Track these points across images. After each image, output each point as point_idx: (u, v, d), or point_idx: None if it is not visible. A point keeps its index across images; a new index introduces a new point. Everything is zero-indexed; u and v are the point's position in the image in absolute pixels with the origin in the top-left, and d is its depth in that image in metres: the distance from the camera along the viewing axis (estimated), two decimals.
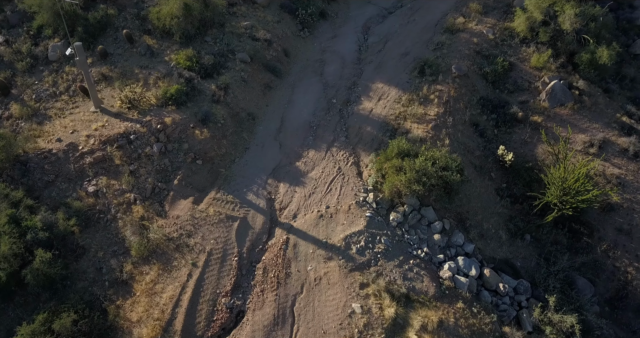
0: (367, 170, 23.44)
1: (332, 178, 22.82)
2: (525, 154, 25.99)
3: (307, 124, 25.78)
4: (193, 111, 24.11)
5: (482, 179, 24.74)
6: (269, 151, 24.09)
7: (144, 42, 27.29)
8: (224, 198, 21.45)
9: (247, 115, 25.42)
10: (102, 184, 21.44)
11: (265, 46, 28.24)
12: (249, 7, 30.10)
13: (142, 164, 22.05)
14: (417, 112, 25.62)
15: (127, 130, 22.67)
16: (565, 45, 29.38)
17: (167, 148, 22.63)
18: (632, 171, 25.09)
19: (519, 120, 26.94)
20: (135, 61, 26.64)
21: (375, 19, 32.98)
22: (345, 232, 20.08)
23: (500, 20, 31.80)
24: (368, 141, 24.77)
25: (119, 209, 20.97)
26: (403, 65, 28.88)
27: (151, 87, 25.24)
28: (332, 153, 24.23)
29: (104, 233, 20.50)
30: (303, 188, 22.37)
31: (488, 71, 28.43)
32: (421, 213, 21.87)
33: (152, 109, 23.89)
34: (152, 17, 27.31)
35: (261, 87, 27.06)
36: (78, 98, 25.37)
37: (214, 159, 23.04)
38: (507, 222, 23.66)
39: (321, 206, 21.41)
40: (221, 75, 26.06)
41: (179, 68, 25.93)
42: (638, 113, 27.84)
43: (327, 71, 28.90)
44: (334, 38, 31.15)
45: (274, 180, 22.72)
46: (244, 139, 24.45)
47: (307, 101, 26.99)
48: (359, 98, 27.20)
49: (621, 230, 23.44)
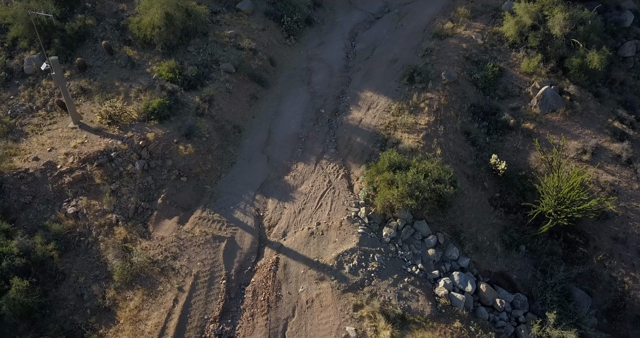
0: (358, 183, 22.80)
1: (323, 192, 22.14)
2: (518, 162, 25.55)
3: (296, 136, 25.06)
4: (176, 125, 23.26)
5: (475, 190, 24.23)
6: (257, 165, 23.33)
7: (125, 54, 26.36)
8: (210, 216, 20.65)
9: (233, 128, 24.62)
10: (82, 205, 20.52)
11: (251, 55, 27.46)
12: (232, 15, 29.27)
13: (123, 183, 21.16)
14: (407, 121, 25.03)
15: (108, 147, 21.76)
16: (555, 49, 29.01)
17: (150, 165, 21.76)
18: (626, 178, 24.77)
19: (510, 127, 26.50)
20: (115, 73, 25.70)
21: (362, 24, 32.36)
22: (337, 250, 19.40)
23: (489, 24, 31.36)
24: (358, 152, 24.12)
25: (100, 231, 20.07)
26: (392, 72, 28.28)
27: (132, 100, 24.34)
28: (321, 165, 23.55)
29: (84, 257, 19.60)
30: (292, 203, 21.65)
31: (478, 77, 27.96)
32: (414, 227, 21.29)
33: (134, 124, 22.98)
34: (133, 27, 26.39)
35: (247, 98, 26.28)
36: (56, 113, 24.39)
37: (199, 176, 22.22)
38: (502, 233, 23.17)
39: (312, 222, 20.71)
40: (205, 86, 25.23)
41: (161, 80, 25.04)
42: (629, 118, 27.54)
43: (314, 79, 28.20)
44: (320, 45, 30.46)
45: (262, 196, 21.97)
46: (230, 154, 23.66)
47: (294, 112, 26.27)
48: (347, 108, 26.55)
49: (617, 238, 23.08)
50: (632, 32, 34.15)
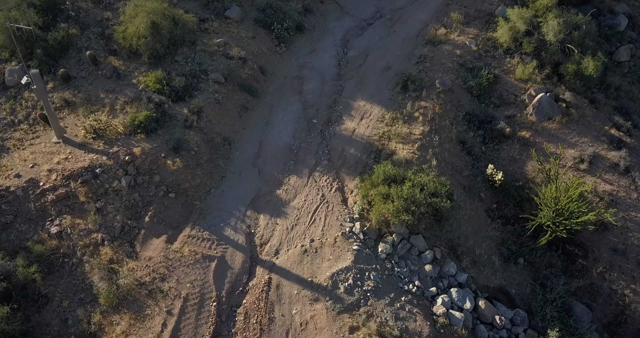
0: (352, 196, 22.18)
1: (316, 206, 21.49)
2: (515, 172, 25.07)
3: (287, 148, 24.40)
4: (164, 138, 22.51)
5: (472, 201, 23.71)
6: (247, 179, 22.64)
7: (110, 64, 25.54)
8: (200, 235, 19.93)
9: (222, 140, 23.91)
10: (66, 224, 19.73)
11: (240, 64, 26.74)
12: (221, 22, 28.52)
13: (109, 200, 20.38)
14: (401, 131, 24.46)
15: (93, 163, 20.96)
16: (550, 55, 28.59)
17: (137, 181, 21.00)
18: (624, 187, 24.37)
19: (506, 136, 26.02)
20: (100, 85, 24.89)
21: (354, 31, 31.74)
22: (331, 269, 18.77)
23: (483, 30, 30.88)
24: (352, 164, 23.51)
25: (85, 251, 19.29)
26: (385, 80, 27.70)
27: (118, 113, 23.55)
28: (314, 178, 22.91)
29: (69, 279, 18.81)
30: (285, 219, 20.99)
31: (473, 84, 27.44)
32: (411, 242, 20.72)
33: (120, 139, 22.21)
34: (118, 37, 25.57)
35: (237, 109, 25.57)
36: (39, 127, 23.55)
37: (187, 191, 21.49)
38: (500, 246, 22.68)
39: (305, 239, 20.06)
40: (194, 98, 24.49)
41: (148, 91, 24.26)
42: (626, 125, 27.17)
43: (306, 88, 27.54)
44: (312, 53, 29.81)
45: (253, 212, 21.28)
46: (219, 167, 22.94)
47: (286, 122, 25.60)
48: (340, 117, 25.92)
49: (616, 250, 22.66)
50: (626, 36, 33.87)
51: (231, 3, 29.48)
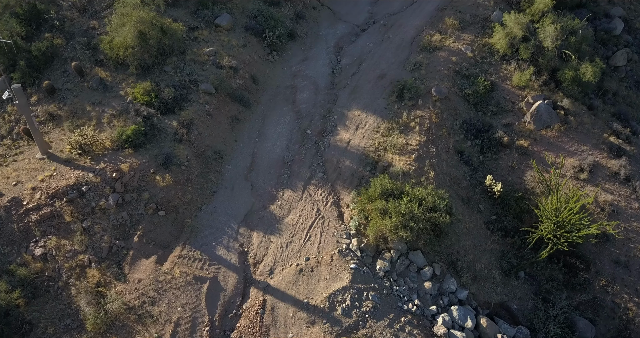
0: (348, 211, 21.55)
1: (311, 222, 20.83)
2: (514, 182, 24.55)
3: (281, 160, 23.71)
4: (153, 153, 21.75)
5: (471, 213, 23.15)
6: (240, 194, 21.92)
7: (96, 75, 24.73)
8: (191, 254, 19.20)
9: (213, 153, 23.17)
10: (51, 246, 18.93)
11: (231, 73, 26.00)
12: (211, 30, 27.76)
13: (96, 219, 19.59)
14: (397, 142, 23.85)
15: (79, 180, 20.17)
16: (547, 61, 28.11)
17: (125, 199, 20.23)
18: (625, 197, 23.91)
19: (504, 145, 25.50)
20: (86, 97, 24.07)
21: (347, 37, 31.09)
22: (328, 289, 18.11)
23: (478, 35, 30.35)
24: (347, 176, 22.87)
25: (71, 274, 18.50)
26: (380, 89, 27.08)
27: (105, 127, 22.75)
28: (309, 192, 22.24)
29: (54, 304, 18.02)
30: (279, 236, 20.30)
31: (469, 92, 26.89)
32: (409, 258, 20.13)
33: (107, 154, 21.42)
34: (104, 47, 24.74)
35: (228, 120, 24.84)
36: (22, 142, 22.71)
37: (178, 209, 20.74)
38: (500, 259, 22.13)
39: (300, 258, 19.39)
40: (183, 110, 23.73)
41: (136, 104, 23.48)
42: (625, 132, 26.73)
43: (299, 98, 26.86)
44: (305, 61, 29.12)
45: (246, 229, 20.58)
46: (211, 182, 22.21)
47: (279, 134, 24.91)
48: (335, 128, 25.27)
49: (618, 262, 22.20)
50: (622, 40, 33.51)
51: (221, 10, 28.73)
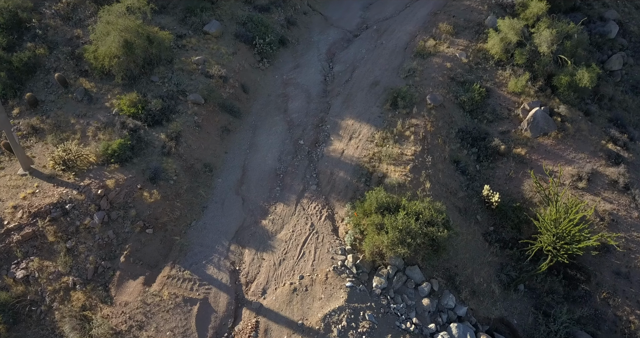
0: (343, 225, 20.92)
1: (305, 238, 20.17)
2: (511, 192, 24.04)
3: (273, 172, 23.03)
4: (140, 168, 20.99)
5: (468, 224, 22.61)
6: (231, 209, 21.22)
7: (81, 86, 23.92)
8: (180, 274, 18.47)
9: (203, 166, 22.45)
10: (34, 268, 18.12)
11: (221, 83, 25.28)
12: (199, 38, 27.02)
13: (81, 239, 18.81)
14: (392, 152, 23.25)
15: (62, 198, 19.36)
16: (543, 67, 27.64)
17: (111, 217, 19.46)
18: (624, 206, 23.46)
19: (501, 154, 24.98)
20: (70, 109, 23.26)
21: (339, 43, 30.46)
22: (323, 310, 17.45)
23: (473, 41, 29.83)
24: (342, 188, 22.24)
25: (54, 297, 17.70)
26: (374, 97, 26.47)
27: (90, 140, 21.95)
28: (302, 205, 21.59)
29: (37, 330, 17.22)
30: (272, 253, 19.62)
31: (465, 99, 26.36)
32: (406, 274, 19.53)
33: (92, 169, 20.63)
34: (89, 57, 23.93)
35: (218, 131, 24.12)
36: (3, 157, 21.82)
37: (166, 226, 19.99)
38: (499, 272, 21.61)
39: (294, 276, 18.72)
40: (171, 121, 22.99)
41: (122, 116, 22.71)
42: (622, 138, 26.33)
43: (291, 107, 26.19)
44: (296, 68, 28.44)
45: (237, 246, 19.88)
46: (200, 197, 21.48)
47: (271, 144, 24.23)
48: (328, 138, 24.63)
49: (619, 273, 21.73)
50: (617, 43, 33.16)
51: (210, 17, 27.99)
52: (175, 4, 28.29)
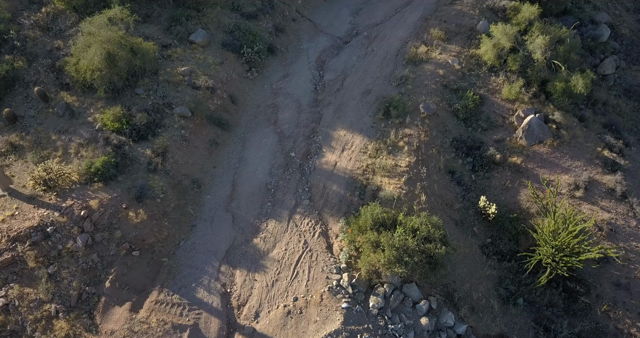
0: (337, 242, 20.28)
1: (298, 256, 19.49)
2: (508, 202, 23.56)
3: (264, 187, 22.31)
4: (125, 186, 20.16)
5: (465, 237, 22.08)
6: (220, 227, 20.47)
7: (62, 100, 23.00)
8: (169, 299, 17.69)
9: (191, 183, 21.67)
10: (14, 295, 17.23)
11: (208, 94, 24.48)
12: (185, 48, 26.19)
13: (63, 264, 17.95)
14: (386, 164, 22.65)
15: (43, 221, 18.48)
16: (536, 72, 27.22)
17: (95, 239, 18.62)
18: (622, 215, 23.09)
19: (497, 163, 24.50)
20: (51, 124, 22.34)
21: (329, 51, 29.78)
22: (319, 333, 16.80)
23: (465, 46, 29.33)
24: (335, 203, 21.59)
25: (36, 327, 16.84)
26: (365, 106, 25.85)
27: (72, 157, 21.07)
28: (295, 222, 20.90)
29: None
30: (264, 274, 18.91)
31: (459, 107, 25.84)
32: (404, 292, 18.95)
33: (74, 189, 19.76)
34: (69, 70, 23.01)
35: (206, 145, 23.34)
36: None
37: (154, 247, 19.19)
38: (497, 286, 21.11)
39: (287, 298, 18.04)
40: (158, 136, 22.17)
41: (106, 131, 21.85)
42: (618, 145, 25.98)
43: (281, 117, 25.47)
44: (286, 77, 27.72)
45: (228, 267, 19.14)
46: (189, 215, 20.70)
47: (261, 158, 23.50)
48: (320, 149, 23.96)
49: (619, 284, 21.33)
50: (609, 47, 32.90)
51: (196, 26, 27.16)
52: (159, 13, 27.43)
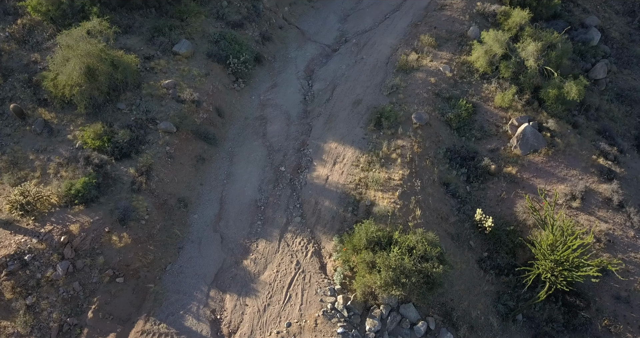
0: (331, 261, 19.57)
1: (291, 278, 18.74)
2: (503, 213, 23.03)
3: (253, 204, 21.52)
4: (108, 208, 19.24)
5: (462, 251, 21.51)
6: (209, 249, 19.64)
7: (40, 117, 22.01)
8: (156, 329, 16.82)
9: (177, 202, 20.81)
10: None
11: (194, 107, 23.62)
12: (169, 59, 25.26)
13: (42, 294, 17.01)
14: (379, 177, 21.98)
15: (20, 248, 17.51)
16: (529, 79, 26.77)
17: (76, 267, 17.69)
18: (620, 225, 22.68)
19: (491, 173, 23.96)
20: (29, 143, 21.33)
21: (318, 59, 29.04)
22: None
23: (456, 53, 28.79)
24: (328, 219, 20.88)
25: None
26: (356, 116, 25.17)
27: (51, 178, 20.08)
28: (286, 241, 20.15)
29: None
30: (255, 298, 18.13)
31: (451, 116, 25.27)
32: (401, 313, 18.30)
33: (54, 212, 18.80)
34: (47, 85, 22.01)
35: (192, 161, 22.48)
36: None
37: (139, 272, 18.31)
38: (496, 302, 20.57)
39: (280, 323, 17.28)
40: (141, 153, 21.26)
41: (87, 150, 20.90)
42: (612, 152, 25.60)
43: (270, 130, 24.68)
44: (274, 88, 26.93)
45: (217, 291, 18.32)
46: (175, 236, 19.84)
47: (250, 173, 22.70)
48: (311, 163, 23.22)
49: (619, 297, 20.89)
50: (600, 50, 32.63)
51: (179, 36, 26.24)
52: (141, 23, 26.48)
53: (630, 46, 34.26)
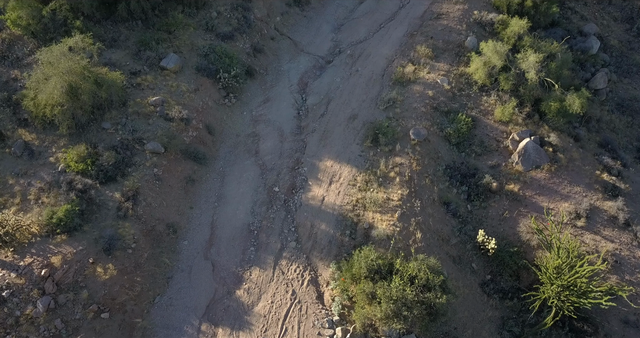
0: (328, 290, 18.65)
1: (286, 310, 17.79)
2: (506, 233, 22.23)
3: (246, 228, 20.54)
4: (92, 237, 18.17)
5: (464, 275, 20.68)
6: (199, 278, 18.64)
7: (20, 138, 20.88)
8: None
9: (166, 228, 19.77)
10: None
11: (182, 126, 22.59)
12: (156, 75, 24.18)
13: (21, 333, 15.92)
14: (377, 197, 21.10)
15: None
16: (529, 91, 26.01)
17: (58, 302, 16.62)
18: (626, 244, 21.94)
19: (493, 191, 23.15)
20: (8, 167, 20.19)
21: (312, 72, 28.08)
22: None
23: (454, 64, 27.96)
24: (325, 244, 19.96)
25: None
26: (352, 132, 24.26)
27: (32, 205, 18.98)
28: (281, 268, 19.20)
29: None
30: (249, 332, 17.16)
31: (450, 131, 24.43)
32: None
33: (34, 242, 17.71)
34: (27, 105, 20.89)
35: (181, 183, 21.45)
36: None
37: (125, 306, 17.26)
38: (501, 329, 19.76)
39: None
40: (127, 176, 20.21)
41: (69, 173, 19.81)
42: (616, 167, 24.90)
43: (263, 148, 23.71)
44: (266, 103, 25.95)
45: (209, 325, 17.33)
46: (164, 265, 18.82)
47: (242, 194, 21.72)
48: (305, 182, 22.28)
49: (627, 321, 20.16)
50: (599, 59, 32.01)
51: (167, 50, 25.18)
52: (127, 36, 25.39)
53: (629, 54, 33.66)
